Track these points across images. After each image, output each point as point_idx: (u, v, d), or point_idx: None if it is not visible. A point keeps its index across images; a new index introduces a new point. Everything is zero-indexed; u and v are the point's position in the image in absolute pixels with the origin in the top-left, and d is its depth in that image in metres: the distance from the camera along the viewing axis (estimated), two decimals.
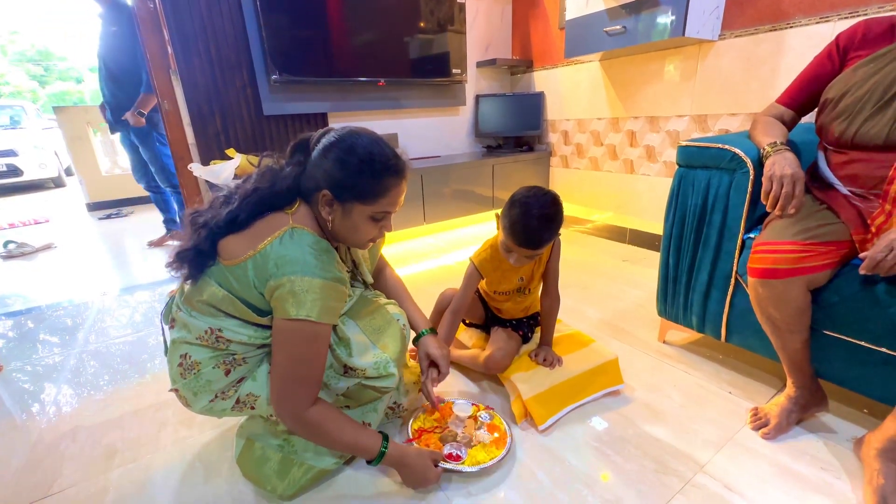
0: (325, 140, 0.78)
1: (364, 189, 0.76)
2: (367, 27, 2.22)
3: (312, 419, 0.76)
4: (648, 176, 2.23)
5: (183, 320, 0.79)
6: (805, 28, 1.55)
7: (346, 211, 0.77)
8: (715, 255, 1.11)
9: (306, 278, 0.70)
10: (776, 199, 0.92)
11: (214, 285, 0.75)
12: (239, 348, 0.79)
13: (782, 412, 0.97)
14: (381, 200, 0.77)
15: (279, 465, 0.87)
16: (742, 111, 1.79)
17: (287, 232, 0.73)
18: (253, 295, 0.74)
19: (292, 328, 0.72)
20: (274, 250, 0.71)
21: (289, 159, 0.81)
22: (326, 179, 0.76)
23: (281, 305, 0.71)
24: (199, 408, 0.82)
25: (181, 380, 0.79)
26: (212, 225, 0.75)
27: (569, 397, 1.08)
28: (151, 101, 2.38)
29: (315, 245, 0.73)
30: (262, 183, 0.78)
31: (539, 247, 0.95)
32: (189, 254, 0.75)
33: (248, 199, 0.76)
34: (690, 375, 1.20)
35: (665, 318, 1.31)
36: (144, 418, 1.13)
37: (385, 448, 0.81)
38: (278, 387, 0.75)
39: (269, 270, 0.70)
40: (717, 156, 1.06)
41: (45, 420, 1.15)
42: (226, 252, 0.75)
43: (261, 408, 0.83)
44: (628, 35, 1.85)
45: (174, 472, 0.95)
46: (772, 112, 1.09)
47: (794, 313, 0.90)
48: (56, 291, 2.08)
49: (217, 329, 0.76)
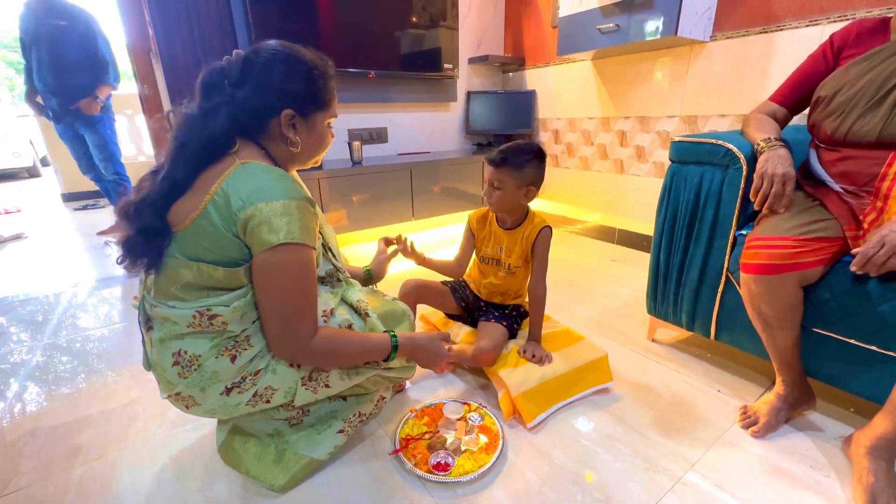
0: (260, 60, 0.70)
1: (322, 95, 0.75)
2: (358, 16, 2.17)
3: (319, 347, 0.72)
4: (638, 176, 2.23)
5: (163, 315, 0.69)
6: (795, 31, 1.56)
7: (310, 125, 0.76)
8: (706, 251, 1.10)
9: (276, 202, 0.65)
10: (765, 196, 0.92)
11: (183, 260, 0.67)
12: (236, 325, 0.70)
13: (771, 410, 0.96)
14: (333, 104, 0.78)
15: (273, 455, 0.83)
16: (732, 112, 1.80)
17: (237, 167, 0.67)
18: (226, 243, 0.66)
19: (275, 258, 0.66)
20: (231, 186, 0.65)
21: (203, 101, 0.70)
22: (284, 98, 0.71)
23: (258, 237, 0.65)
24: (208, 405, 0.72)
25: (181, 380, 0.70)
26: (151, 200, 0.67)
27: (558, 394, 1.05)
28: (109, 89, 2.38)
29: (272, 171, 0.69)
30: (186, 136, 0.68)
31: (497, 163, 1.04)
32: (138, 240, 0.67)
33: (177, 158, 0.68)
34: (680, 374, 1.19)
35: (655, 315, 1.30)
36: (112, 414, 1.07)
37: (395, 341, 0.82)
38: (275, 329, 0.70)
39: (234, 206, 0.64)
40: (711, 151, 1.06)
41: (6, 418, 1.07)
42: (178, 216, 0.67)
43: (277, 401, 0.77)
44: (621, 33, 1.85)
45: (143, 471, 0.89)
46: (765, 109, 1.09)
47: (785, 310, 0.89)
48: (24, 283, 1.98)
49: (205, 309, 0.68)
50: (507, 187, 1.06)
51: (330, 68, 0.78)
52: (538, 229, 1.12)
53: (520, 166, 1.05)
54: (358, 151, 2.22)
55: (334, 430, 0.90)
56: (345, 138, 2.37)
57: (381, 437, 0.97)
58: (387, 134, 2.57)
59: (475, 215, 1.23)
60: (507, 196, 1.07)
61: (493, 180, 1.07)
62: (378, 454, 0.92)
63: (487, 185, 1.09)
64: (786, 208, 0.91)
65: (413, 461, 0.88)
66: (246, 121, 0.71)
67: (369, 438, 0.97)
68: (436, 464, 0.86)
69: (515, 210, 1.13)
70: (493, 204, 1.10)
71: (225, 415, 0.78)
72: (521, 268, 1.17)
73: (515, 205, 1.10)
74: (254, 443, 0.85)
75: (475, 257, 1.26)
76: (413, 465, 0.86)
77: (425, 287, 1.23)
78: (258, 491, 0.84)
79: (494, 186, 1.07)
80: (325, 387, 0.81)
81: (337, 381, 0.81)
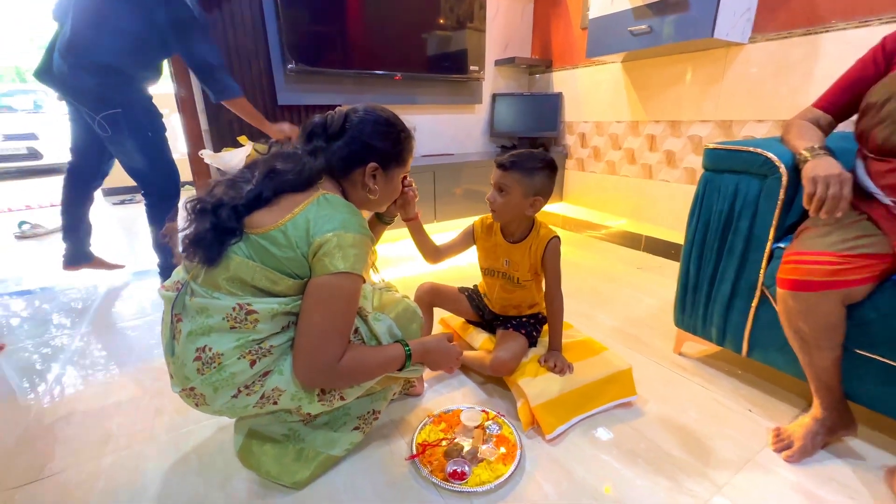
0: (355, 119, 0.82)
1: (403, 155, 0.87)
2: (385, 20, 2.19)
3: (346, 366, 0.76)
4: (668, 182, 2.16)
5: (200, 305, 0.72)
6: (843, 33, 1.48)
7: (388, 178, 0.87)
8: (740, 264, 1.05)
9: (349, 234, 0.72)
10: (821, 201, 0.82)
11: (245, 259, 0.71)
12: (265, 324, 0.73)
13: (807, 434, 0.91)
14: (409, 161, 0.90)
15: (292, 454, 0.86)
16: (770, 118, 1.72)
17: (321, 196, 0.75)
18: (292, 257, 0.72)
19: (336, 282, 0.72)
20: (312, 212, 0.73)
21: (305, 144, 0.82)
22: (372, 153, 0.82)
23: (326, 260, 0.71)
24: (218, 405, 0.75)
25: (198, 376, 0.72)
26: (234, 204, 0.72)
27: (579, 406, 1.03)
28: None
29: (349, 206, 0.77)
30: (285, 165, 0.76)
31: (506, 166, 1.01)
32: (208, 235, 0.71)
33: (270, 179, 0.75)
34: (707, 390, 1.14)
35: (682, 328, 1.25)
36: (141, 405, 1.11)
37: (408, 350, 0.85)
38: (308, 346, 0.74)
39: (312, 229, 0.71)
40: (748, 160, 1.01)
41: (43, 402, 1.13)
42: (256, 222, 0.73)
43: (284, 403, 0.78)
44: (653, 35, 1.79)
45: (167, 463, 0.92)
46: (807, 116, 1.03)
47: (825, 329, 0.84)
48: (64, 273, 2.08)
49: (246, 304, 0.71)
50: (513, 193, 1.02)
51: (412, 132, 0.90)
52: (546, 241, 1.08)
53: (530, 172, 1.00)
54: None
55: (349, 428, 0.91)
56: None
57: (397, 441, 0.97)
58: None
59: (481, 223, 1.17)
60: (512, 203, 1.03)
61: (500, 184, 1.02)
62: (394, 458, 0.92)
63: (493, 188, 1.04)
64: (844, 212, 0.82)
65: (429, 468, 0.87)
66: (336, 166, 0.82)
67: (386, 442, 0.97)
68: (452, 472, 0.86)
69: (518, 220, 1.08)
70: (496, 210, 1.04)
71: (232, 415, 0.81)
72: (531, 280, 1.14)
73: (519, 214, 1.05)
74: (271, 445, 0.86)
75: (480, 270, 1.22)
76: (429, 472, 0.86)
77: (440, 292, 1.23)
78: (276, 488, 0.85)
79: (500, 190, 1.02)
80: (340, 399, 0.83)
81: (350, 391, 0.83)
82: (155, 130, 1.61)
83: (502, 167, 1.02)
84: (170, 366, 0.77)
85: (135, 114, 1.55)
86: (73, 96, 1.55)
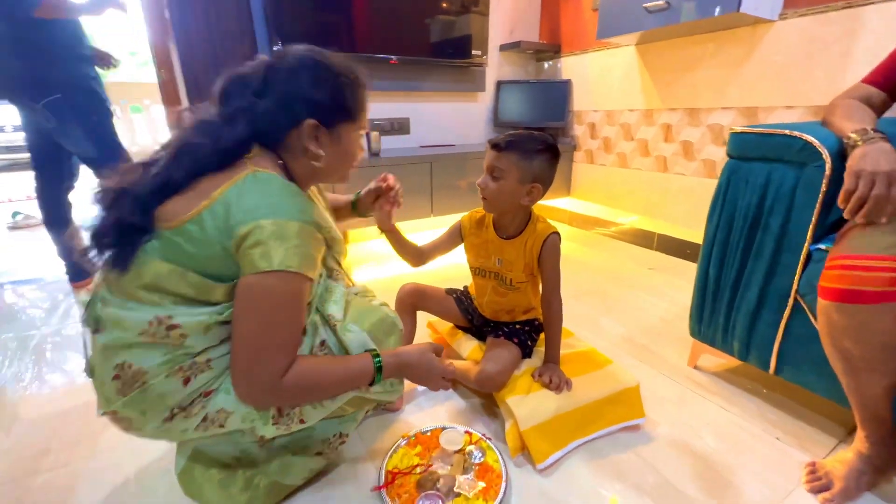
0: (284, 67, 0.66)
1: (350, 106, 0.69)
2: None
3: (291, 384, 0.63)
4: (683, 175, 1.99)
5: (114, 317, 0.60)
6: (889, 5, 1.30)
7: (334, 137, 0.70)
8: (770, 268, 0.90)
9: (281, 221, 0.58)
10: (861, 201, 0.69)
11: (158, 261, 0.58)
12: (197, 339, 0.61)
13: (851, 473, 0.76)
14: (362, 115, 0.73)
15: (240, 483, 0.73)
16: (802, 104, 1.55)
17: (249, 175, 0.61)
18: (214, 254, 0.59)
19: (267, 284, 0.59)
20: (235, 194, 0.59)
21: (224, 107, 0.65)
22: (306, 107, 0.65)
23: (253, 256, 0.58)
24: (149, 431, 0.63)
25: (119, 398, 0.60)
26: (136, 193, 0.59)
27: (577, 430, 0.89)
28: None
29: (285, 186, 0.63)
30: (198, 138, 0.62)
31: (501, 147, 0.87)
32: (112, 231, 0.59)
33: (181, 158, 0.61)
34: (727, 412, 0.99)
35: (699, 339, 1.10)
36: (91, 414, 1.00)
37: (379, 362, 0.71)
38: (243, 362, 0.61)
39: (234, 217, 0.58)
40: (783, 145, 0.85)
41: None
42: (167, 213, 0.59)
43: (233, 425, 0.66)
44: (671, 12, 1.62)
45: (103, 487, 0.81)
46: (856, 93, 0.87)
47: (879, 349, 0.69)
48: (48, 266, 2.00)
49: (166, 317, 0.59)
50: (508, 178, 0.88)
51: (360, 76, 0.72)
52: (543, 237, 0.94)
53: (528, 155, 0.87)
54: (376, 142, 2.11)
55: (312, 452, 0.78)
56: None
57: (365, 465, 0.85)
58: (409, 125, 2.44)
59: (470, 218, 1.05)
60: (506, 189, 0.89)
61: (494, 167, 0.88)
62: (359, 487, 0.80)
63: (485, 173, 0.91)
64: (889, 218, 0.69)
65: (398, 501, 0.75)
66: (266, 130, 0.66)
67: (351, 466, 0.84)
68: None
69: (513, 211, 0.94)
70: (487, 197, 0.91)
71: (172, 440, 0.69)
72: (527, 282, 1.00)
73: (514, 204, 0.91)
74: (217, 469, 0.74)
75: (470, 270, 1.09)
76: None
77: (424, 293, 1.10)
78: None
79: (493, 175, 0.89)
80: (299, 422, 0.69)
81: (312, 413, 0.70)
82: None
83: (497, 148, 0.88)
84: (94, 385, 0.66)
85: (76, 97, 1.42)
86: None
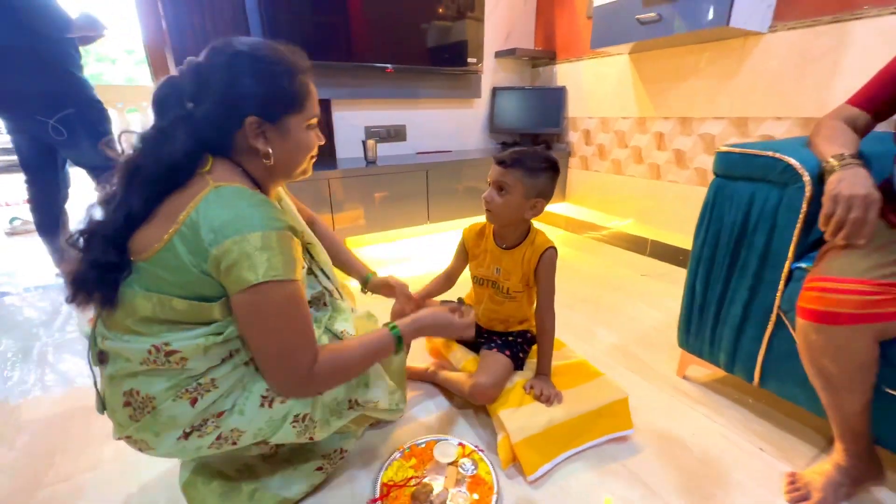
0: (211, 66, 0.62)
1: (291, 95, 0.65)
2: (375, 9, 2.07)
3: (322, 373, 0.66)
4: (676, 183, 2.02)
5: (116, 349, 0.62)
6: (876, 20, 1.33)
7: (282, 131, 0.66)
8: (753, 284, 0.93)
9: (254, 234, 0.57)
10: (839, 224, 0.71)
11: (142, 293, 0.59)
12: (198, 362, 0.62)
13: (828, 485, 0.79)
14: (308, 103, 0.68)
15: (242, 495, 0.75)
16: (790, 115, 1.57)
17: (210, 192, 0.59)
18: (193, 279, 0.59)
19: (258, 298, 0.58)
20: (201, 216, 0.57)
21: (160, 120, 0.63)
22: (244, 104, 0.62)
23: (235, 276, 0.57)
24: (164, 450, 0.65)
25: (132, 423, 0.63)
26: (105, 233, 0.60)
27: (567, 441, 0.92)
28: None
29: (249, 196, 0.60)
30: (141, 159, 0.61)
31: (508, 163, 0.91)
32: (90, 275, 0.59)
33: (130, 184, 0.60)
34: (714, 422, 1.02)
35: (687, 350, 1.13)
36: (94, 425, 1.02)
37: (397, 332, 0.75)
38: (270, 370, 0.64)
39: (205, 239, 0.56)
40: (766, 166, 0.88)
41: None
42: (140, 244, 0.60)
43: (245, 442, 0.68)
44: (663, 24, 1.65)
45: (108, 497, 0.83)
46: (842, 114, 0.89)
47: (855, 369, 0.72)
48: (47, 273, 2.02)
49: (163, 344, 0.60)
50: (514, 193, 0.92)
51: (299, 61, 0.66)
52: (541, 251, 0.98)
53: (533, 172, 0.91)
54: (372, 151, 2.13)
55: (312, 467, 0.82)
56: (360, 136, 2.29)
57: (360, 478, 0.87)
58: (405, 132, 2.46)
59: (470, 230, 1.10)
60: (512, 203, 0.93)
61: (500, 182, 0.92)
62: (356, 500, 0.82)
63: (492, 187, 0.94)
64: (867, 240, 0.72)
65: None
66: (210, 137, 0.63)
67: (347, 479, 0.87)
68: None
69: (516, 223, 0.98)
70: (493, 210, 0.94)
71: (185, 457, 0.71)
72: (523, 292, 1.03)
73: (518, 217, 0.95)
74: (219, 483, 0.77)
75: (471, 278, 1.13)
76: None
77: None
78: None
79: (500, 189, 0.93)
80: (309, 439, 0.73)
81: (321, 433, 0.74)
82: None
83: (503, 164, 0.92)
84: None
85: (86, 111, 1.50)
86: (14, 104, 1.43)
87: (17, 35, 1.35)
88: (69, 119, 1.45)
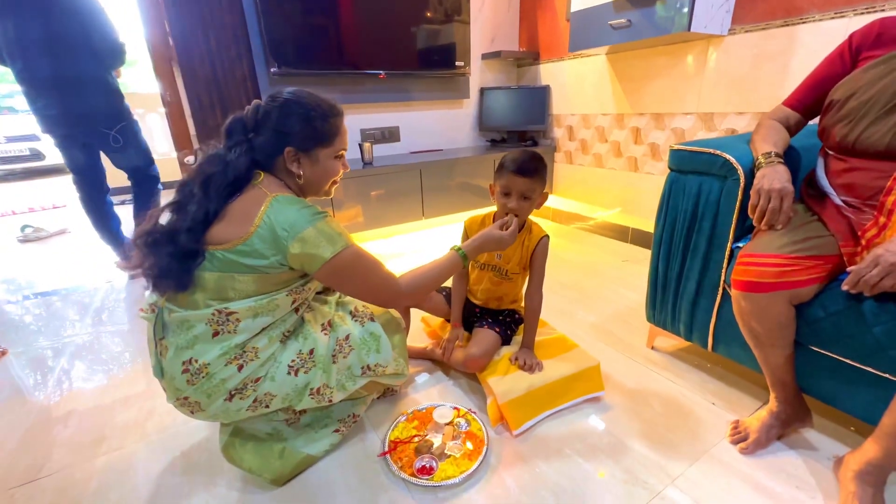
0: (267, 108, 0.83)
1: (321, 132, 0.85)
2: (367, 18, 2.19)
3: (409, 289, 0.88)
4: (652, 175, 2.17)
5: (180, 318, 0.77)
6: (818, 24, 1.47)
7: (312, 159, 0.86)
8: (704, 263, 1.08)
9: (312, 226, 0.76)
10: (762, 213, 0.89)
11: (212, 273, 0.75)
12: (248, 322, 0.78)
13: (762, 427, 0.95)
14: (336, 140, 0.88)
15: (273, 452, 0.91)
16: (750, 110, 1.72)
17: (272, 201, 0.77)
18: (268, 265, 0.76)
19: (337, 266, 0.78)
20: (272, 219, 0.75)
21: (227, 142, 0.84)
22: (286, 138, 0.83)
23: (314, 257, 0.76)
24: (213, 410, 0.80)
25: (189, 387, 0.78)
26: (187, 227, 0.75)
27: (546, 402, 1.07)
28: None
29: (298, 202, 0.80)
30: (213, 168, 0.79)
31: (527, 173, 1.02)
32: (173, 264, 0.75)
33: (208, 191, 0.77)
34: (675, 384, 1.18)
35: (654, 323, 1.29)
36: (134, 406, 1.17)
37: (462, 253, 0.96)
38: (370, 299, 0.91)
39: (281, 236, 0.75)
40: (709, 161, 1.03)
41: (42, 404, 1.19)
42: (218, 237, 0.76)
43: (275, 405, 0.85)
44: (633, 29, 1.79)
45: (155, 463, 0.98)
46: (777, 115, 1.05)
47: (776, 328, 0.87)
48: (65, 277, 2.15)
49: (224, 308, 0.76)
50: (534, 196, 1.06)
51: (332, 109, 0.87)
52: (538, 239, 1.13)
53: (544, 173, 1.06)
54: (368, 153, 2.26)
55: (330, 430, 0.97)
56: (357, 139, 2.42)
57: (372, 438, 1.02)
58: (399, 133, 2.59)
59: (472, 221, 1.22)
60: (534, 205, 1.08)
61: (525, 191, 1.04)
62: (368, 455, 0.98)
63: (516, 197, 1.04)
64: (784, 224, 0.88)
65: (399, 464, 0.92)
66: (261, 158, 0.84)
67: (361, 440, 1.02)
68: (420, 467, 0.91)
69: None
70: (522, 215, 1.06)
71: (227, 419, 0.85)
72: (519, 274, 1.19)
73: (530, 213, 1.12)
74: (254, 443, 0.92)
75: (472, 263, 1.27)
76: (399, 468, 0.91)
77: None
78: (255, 487, 0.90)
79: (525, 197, 1.05)
80: (328, 402, 0.89)
81: (339, 395, 0.90)
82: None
83: (527, 174, 1.03)
84: (161, 383, 0.83)
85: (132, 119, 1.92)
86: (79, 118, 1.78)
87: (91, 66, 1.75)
88: (125, 129, 1.87)
